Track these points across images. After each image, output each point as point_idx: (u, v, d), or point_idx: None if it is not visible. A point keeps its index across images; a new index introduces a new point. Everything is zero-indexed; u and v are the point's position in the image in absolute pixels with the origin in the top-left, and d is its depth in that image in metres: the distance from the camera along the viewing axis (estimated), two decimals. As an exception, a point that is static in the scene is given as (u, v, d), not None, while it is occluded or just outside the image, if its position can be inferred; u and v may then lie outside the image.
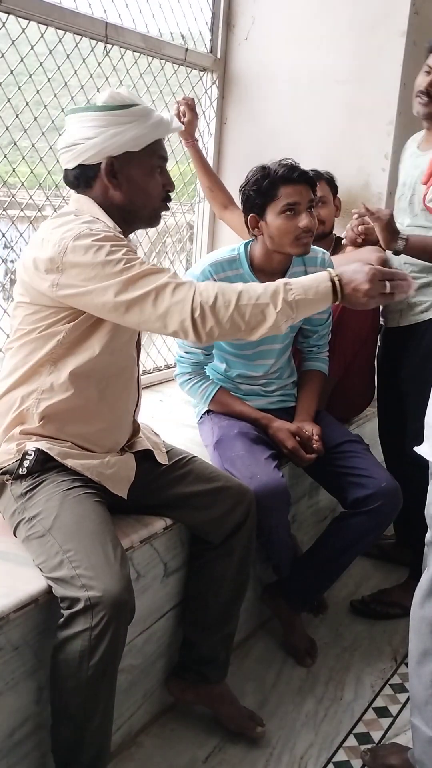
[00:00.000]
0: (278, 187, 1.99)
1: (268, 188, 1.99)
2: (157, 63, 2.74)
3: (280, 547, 2.11)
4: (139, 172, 1.64)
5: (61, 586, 1.42)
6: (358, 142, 2.83)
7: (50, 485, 1.57)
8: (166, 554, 1.85)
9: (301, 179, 2.01)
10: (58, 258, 1.51)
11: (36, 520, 1.53)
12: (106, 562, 1.43)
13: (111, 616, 1.37)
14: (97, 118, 1.59)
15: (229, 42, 3.06)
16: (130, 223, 1.71)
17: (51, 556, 1.46)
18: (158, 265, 1.59)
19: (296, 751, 1.87)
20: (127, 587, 1.43)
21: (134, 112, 1.60)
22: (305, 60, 2.93)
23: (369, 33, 2.79)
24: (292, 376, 2.32)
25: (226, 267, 2.09)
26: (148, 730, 1.90)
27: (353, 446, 2.18)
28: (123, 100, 1.61)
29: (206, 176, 2.76)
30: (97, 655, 1.38)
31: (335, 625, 2.42)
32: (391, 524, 2.52)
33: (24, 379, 1.64)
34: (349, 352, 2.47)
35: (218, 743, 1.88)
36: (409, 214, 2.33)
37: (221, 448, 2.05)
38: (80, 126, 1.60)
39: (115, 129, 1.58)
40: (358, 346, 2.48)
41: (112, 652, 1.40)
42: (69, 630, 1.39)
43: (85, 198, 1.66)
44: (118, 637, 1.41)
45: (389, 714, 2.04)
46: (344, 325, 2.41)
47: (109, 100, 1.60)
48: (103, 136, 1.58)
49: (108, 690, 1.45)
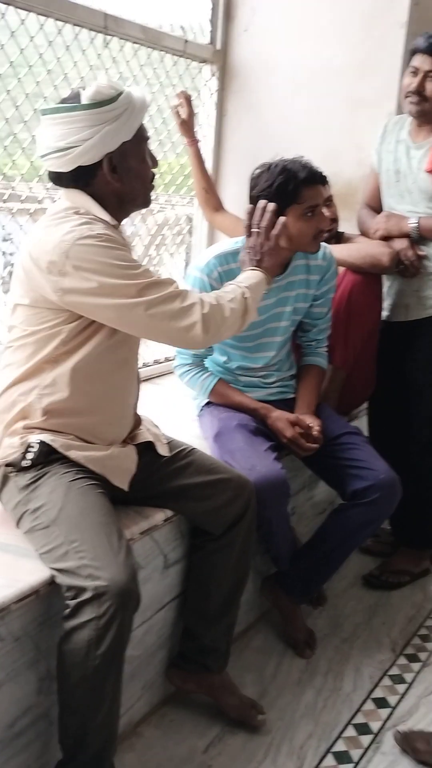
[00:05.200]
0: (301, 190, 1.99)
1: (293, 191, 1.99)
2: (157, 54, 2.73)
3: (280, 538, 2.11)
4: (135, 160, 1.64)
5: (67, 576, 1.43)
6: (358, 134, 2.83)
7: (54, 477, 1.58)
8: (167, 546, 1.85)
9: (321, 181, 2.03)
10: (61, 261, 1.51)
11: (40, 512, 1.54)
12: (112, 552, 1.45)
13: (118, 606, 1.39)
14: (89, 117, 1.55)
15: (229, 33, 3.05)
16: (127, 209, 1.71)
17: (56, 547, 1.47)
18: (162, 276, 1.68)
19: (295, 742, 1.88)
20: (132, 576, 1.44)
21: (122, 102, 1.57)
22: (305, 51, 2.92)
23: (369, 24, 2.78)
24: (291, 369, 2.33)
25: (230, 259, 2.09)
26: (149, 720, 1.91)
27: (352, 438, 2.18)
28: (109, 93, 1.57)
29: (203, 178, 2.75)
30: (105, 645, 1.39)
31: (334, 616, 2.43)
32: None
33: (26, 376, 1.64)
34: (359, 345, 2.47)
35: (218, 733, 1.89)
36: (409, 203, 2.41)
37: (221, 440, 2.06)
38: (70, 128, 1.55)
39: (110, 126, 1.56)
40: (366, 339, 2.49)
41: (119, 641, 1.42)
42: (76, 620, 1.40)
43: (77, 192, 1.63)
44: (125, 626, 1.42)
45: (388, 705, 2.05)
46: (353, 319, 2.42)
47: (96, 96, 1.55)
48: (99, 135, 1.55)
49: (115, 679, 1.46)
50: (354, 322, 2.42)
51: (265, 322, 2.16)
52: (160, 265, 3.06)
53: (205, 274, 2.08)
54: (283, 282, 2.15)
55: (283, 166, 2.01)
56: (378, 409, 2.68)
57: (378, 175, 2.54)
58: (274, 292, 2.14)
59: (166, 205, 3.02)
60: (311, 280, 2.20)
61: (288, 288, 2.16)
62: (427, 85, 2.26)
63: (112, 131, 1.56)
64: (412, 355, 2.48)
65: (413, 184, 2.39)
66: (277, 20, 2.96)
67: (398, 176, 2.45)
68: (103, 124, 1.55)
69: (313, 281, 2.21)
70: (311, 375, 2.30)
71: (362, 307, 2.41)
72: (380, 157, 2.52)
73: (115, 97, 1.57)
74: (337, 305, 2.38)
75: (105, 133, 1.56)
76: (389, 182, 2.48)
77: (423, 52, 2.25)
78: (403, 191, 2.43)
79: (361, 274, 2.40)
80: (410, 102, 2.31)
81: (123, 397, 1.75)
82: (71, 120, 1.55)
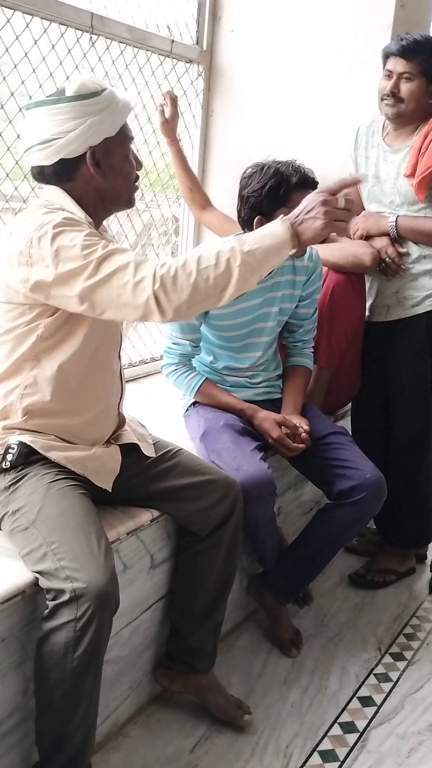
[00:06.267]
0: (292, 194, 2.00)
1: (283, 195, 2.00)
2: (143, 54, 2.73)
3: (266, 538, 2.12)
4: (119, 157, 1.63)
5: (46, 579, 1.42)
6: (344, 136, 2.82)
7: (34, 478, 1.57)
8: (153, 546, 1.85)
9: (312, 185, 2.04)
10: (26, 251, 1.50)
11: (20, 513, 1.53)
12: (90, 554, 1.44)
13: (96, 608, 1.38)
14: (73, 109, 1.55)
15: (216, 34, 3.05)
16: (109, 208, 1.70)
17: (35, 549, 1.46)
18: (121, 246, 1.56)
19: (282, 741, 1.89)
20: (111, 578, 1.43)
21: (106, 98, 1.58)
22: (291, 53, 2.93)
23: (355, 27, 2.79)
24: (277, 369, 2.33)
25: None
26: (135, 720, 1.90)
27: (338, 438, 2.19)
28: (94, 87, 1.58)
29: (187, 177, 2.75)
30: (82, 647, 1.39)
31: (320, 616, 2.44)
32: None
33: (7, 375, 1.63)
34: (343, 344, 2.48)
35: (204, 733, 1.89)
36: (389, 207, 2.45)
37: (207, 440, 2.06)
38: (54, 120, 1.55)
39: (93, 118, 1.56)
40: (351, 338, 2.50)
41: (97, 643, 1.41)
42: (53, 621, 1.40)
43: (55, 189, 1.62)
44: (103, 629, 1.41)
45: (373, 703, 2.06)
46: (336, 318, 2.43)
47: (81, 89, 1.56)
48: (83, 127, 1.55)
49: (92, 682, 1.46)
50: (337, 322, 2.43)
51: (251, 322, 2.17)
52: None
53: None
54: (269, 282, 2.15)
55: (276, 168, 2.02)
56: (361, 408, 2.70)
57: None
58: (260, 293, 2.14)
59: (151, 204, 3.02)
60: (297, 281, 2.21)
61: (274, 288, 2.17)
62: (402, 86, 2.30)
63: (96, 124, 1.56)
64: (393, 355, 2.50)
65: (392, 189, 2.42)
66: (263, 22, 2.96)
67: (376, 181, 2.48)
68: (86, 117, 1.55)
69: (299, 282, 2.21)
70: (297, 375, 2.31)
71: (345, 307, 2.42)
72: (357, 163, 2.55)
73: (99, 92, 1.57)
74: (320, 305, 2.39)
75: (89, 125, 1.55)
76: (368, 188, 2.50)
77: (396, 55, 2.30)
78: (382, 196, 2.45)
79: (343, 274, 2.42)
80: (386, 104, 2.34)
81: (105, 397, 1.74)
82: (55, 112, 1.55)
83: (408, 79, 2.28)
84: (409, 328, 2.45)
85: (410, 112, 2.33)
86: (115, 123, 1.59)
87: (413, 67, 2.27)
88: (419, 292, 2.41)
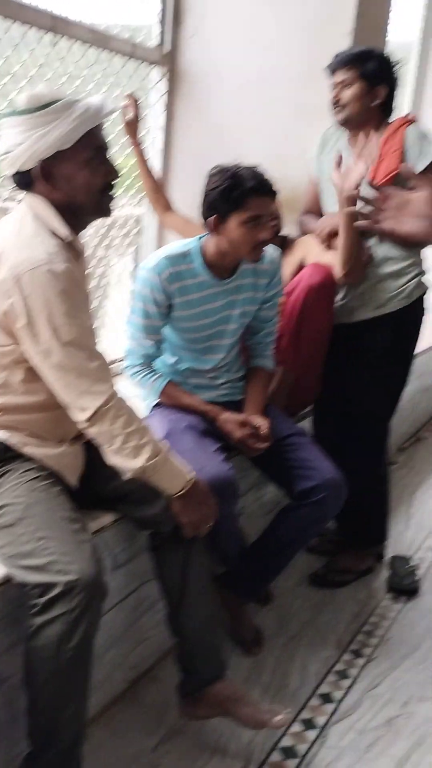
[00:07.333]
0: (246, 198, 2.00)
1: (237, 197, 2.00)
2: (106, 55, 2.72)
3: (228, 538, 2.14)
4: (74, 168, 1.60)
5: (35, 574, 1.44)
6: (304, 141, 2.86)
7: (15, 475, 1.60)
8: (116, 547, 1.86)
9: (269, 193, 2.04)
10: (10, 283, 1.51)
11: (4, 510, 1.55)
12: (79, 547, 1.48)
13: (89, 598, 1.43)
14: (22, 122, 1.55)
15: (178, 37, 3.06)
16: (80, 219, 1.69)
17: (21, 544, 1.49)
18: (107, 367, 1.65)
19: (243, 739, 1.90)
20: (101, 568, 1.49)
21: (56, 110, 1.55)
22: (253, 58, 2.95)
23: (316, 33, 2.83)
24: (240, 371, 2.35)
25: (180, 261, 2.11)
26: (98, 721, 1.90)
27: (299, 439, 2.22)
28: (42, 99, 1.56)
29: (150, 179, 2.76)
30: (77, 638, 1.43)
31: (281, 615, 2.47)
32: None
33: None
34: (310, 348, 2.51)
35: (166, 732, 1.90)
36: None
37: (170, 441, 2.06)
38: (9, 132, 1.57)
39: (40, 131, 1.54)
40: (317, 342, 2.53)
41: (89, 633, 1.46)
42: (46, 615, 1.42)
43: (37, 199, 1.62)
44: (95, 617, 1.47)
45: (333, 700, 2.09)
46: (306, 322, 2.45)
47: (28, 102, 1.56)
48: (29, 141, 1.55)
49: (85, 673, 1.50)
50: (306, 326, 2.45)
51: (214, 324, 2.18)
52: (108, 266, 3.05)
53: (154, 274, 2.09)
54: (232, 285, 2.17)
55: (234, 171, 2.02)
56: (322, 409, 2.74)
57: (318, 183, 2.62)
58: (223, 295, 2.16)
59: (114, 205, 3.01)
60: (259, 283, 2.23)
61: (236, 291, 2.19)
62: (343, 93, 2.42)
63: (42, 137, 1.55)
64: (355, 355, 2.54)
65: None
66: (226, 26, 2.98)
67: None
68: (33, 129, 1.55)
69: (261, 285, 2.23)
70: (259, 377, 2.33)
71: (315, 312, 2.44)
72: (321, 167, 2.59)
73: (49, 104, 1.55)
74: (291, 309, 2.42)
75: (34, 139, 1.55)
76: (331, 190, 2.53)
77: (335, 68, 2.44)
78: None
79: (318, 280, 2.43)
80: (335, 113, 2.47)
81: None
82: (10, 124, 1.57)
83: (348, 86, 2.41)
84: (374, 330, 2.49)
85: (355, 115, 2.43)
86: (69, 135, 1.56)
87: (351, 74, 2.40)
88: (384, 294, 2.45)
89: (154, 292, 2.09)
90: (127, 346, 2.21)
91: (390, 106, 2.49)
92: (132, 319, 2.15)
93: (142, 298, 2.11)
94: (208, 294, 2.14)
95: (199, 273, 2.12)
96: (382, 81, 2.42)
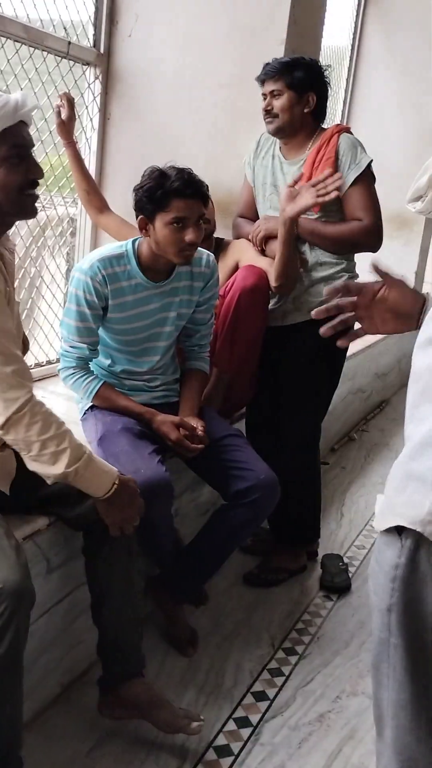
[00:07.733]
0: (170, 199, 2.01)
1: (161, 198, 2.00)
2: (40, 54, 2.69)
3: (163, 540, 2.14)
4: None
5: None
6: (238, 143, 2.90)
7: None
8: (50, 550, 1.84)
9: (195, 195, 2.03)
10: None
11: None
12: (2, 553, 1.45)
13: (15, 606, 1.40)
14: None
15: (113, 38, 3.05)
16: (3, 220, 1.64)
17: None
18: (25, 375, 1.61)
19: (177, 739, 1.91)
20: (26, 574, 1.46)
21: None
22: (188, 61, 2.97)
23: (250, 39, 2.87)
24: (175, 373, 2.36)
25: (114, 263, 2.10)
26: (30, 727, 1.87)
27: (234, 440, 2.24)
28: None
29: (84, 179, 2.73)
30: (4, 646, 1.41)
31: (216, 614, 2.49)
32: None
33: None
34: (244, 350, 2.53)
35: (101, 736, 1.89)
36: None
37: (105, 443, 2.06)
38: None
39: None
40: (252, 344, 2.55)
41: (17, 640, 1.43)
42: None
43: None
44: (22, 624, 1.44)
45: (267, 697, 2.12)
46: (240, 326, 2.47)
47: None
48: None
49: (17, 678, 1.48)
50: (241, 330, 2.48)
51: (149, 326, 2.19)
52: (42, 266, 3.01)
53: (88, 276, 2.08)
54: (167, 287, 2.18)
55: (161, 171, 2.03)
56: (254, 411, 2.77)
57: (252, 187, 2.66)
58: (158, 297, 2.17)
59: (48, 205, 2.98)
60: (195, 286, 2.24)
61: (172, 294, 2.20)
62: (274, 103, 2.48)
63: None
64: (286, 358, 2.59)
65: None
66: (160, 28, 2.99)
67: (274, 189, 2.59)
68: None
69: (196, 288, 2.25)
70: (194, 379, 2.34)
71: (249, 315, 2.47)
72: (255, 171, 2.64)
73: None
74: (225, 312, 2.44)
75: None
76: (266, 195, 2.60)
77: (264, 79, 2.49)
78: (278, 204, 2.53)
79: (251, 284, 2.46)
80: (266, 122, 2.52)
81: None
82: None
83: (278, 96, 2.47)
84: (304, 332, 2.54)
85: (287, 124, 2.49)
86: None
87: (280, 84, 2.46)
88: (315, 298, 2.49)
89: (88, 294, 2.08)
90: (61, 348, 2.20)
91: (322, 111, 2.55)
92: (66, 321, 2.14)
93: (76, 300, 2.10)
94: (143, 296, 2.15)
95: (134, 275, 2.12)
96: (311, 88, 2.47)
